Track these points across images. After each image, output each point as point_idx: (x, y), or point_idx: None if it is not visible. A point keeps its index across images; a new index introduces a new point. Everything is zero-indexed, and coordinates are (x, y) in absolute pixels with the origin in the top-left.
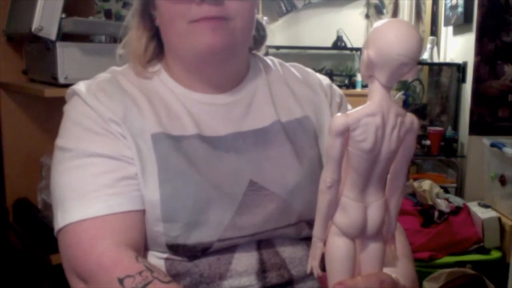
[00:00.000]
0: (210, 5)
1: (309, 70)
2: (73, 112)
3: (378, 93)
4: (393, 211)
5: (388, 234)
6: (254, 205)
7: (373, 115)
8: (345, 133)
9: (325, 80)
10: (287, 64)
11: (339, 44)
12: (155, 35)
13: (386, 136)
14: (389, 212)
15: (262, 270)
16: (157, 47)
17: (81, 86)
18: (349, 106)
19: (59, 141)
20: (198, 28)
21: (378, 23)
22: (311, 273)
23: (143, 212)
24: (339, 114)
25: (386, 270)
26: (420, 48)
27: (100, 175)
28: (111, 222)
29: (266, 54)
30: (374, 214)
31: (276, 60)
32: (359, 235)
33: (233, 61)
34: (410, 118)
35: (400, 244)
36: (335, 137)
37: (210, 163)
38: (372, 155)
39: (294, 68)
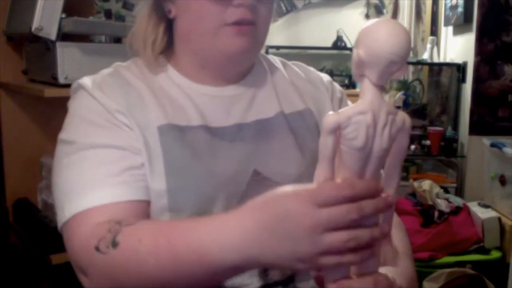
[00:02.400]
0: (246, 9)
1: (310, 68)
2: (78, 106)
3: (369, 92)
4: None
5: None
6: (258, 195)
7: (364, 113)
8: (337, 131)
9: (325, 77)
10: (289, 63)
11: (339, 44)
12: (166, 28)
13: (378, 134)
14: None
15: (265, 268)
16: (166, 40)
17: (86, 80)
18: (349, 102)
19: (63, 135)
20: (228, 31)
21: (367, 23)
22: None
23: (147, 203)
24: (331, 112)
25: (384, 269)
26: (409, 47)
27: (106, 164)
28: (114, 210)
29: (266, 53)
30: None
31: (277, 58)
32: None
33: (250, 60)
34: (402, 117)
35: (400, 242)
36: (327, 135)
37: (215, 154)
38: (364, 153)
39: (296, 66)
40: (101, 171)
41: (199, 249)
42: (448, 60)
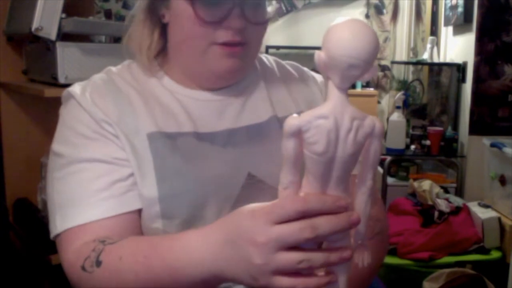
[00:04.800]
0: (235, 31)
1: (305, 68)
2: (67, 116)
3: (333, 95)
4: (362, 216)
5: (356, 241)
6: (252, 198)
7: (324, 117)
8: (298, 134)
9: (320, 77)
10: (283, 62)
11: None
12: (161, 32)
13: (341, 140)
14: None
15: None
16: (161, 43)
17: (76, 88)
18: None
19: (54, 146)
20: (218, 51)
21: (333, 23)
22: None
23: (136, 213)
24: (294, 115)
25: None
26: (372, 49)
27: (94, 179)
28: (103, 226)
29: (266, 53)
30: None
31: (271, 58)
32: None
33: (242, 75)
34: (371, 122)
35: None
36: (287, 138)
37: (207, 159)
38: (326, 158)
39: (290, 66)
40: (89, 186)
41: (172, 264)
42: (448, 60)
